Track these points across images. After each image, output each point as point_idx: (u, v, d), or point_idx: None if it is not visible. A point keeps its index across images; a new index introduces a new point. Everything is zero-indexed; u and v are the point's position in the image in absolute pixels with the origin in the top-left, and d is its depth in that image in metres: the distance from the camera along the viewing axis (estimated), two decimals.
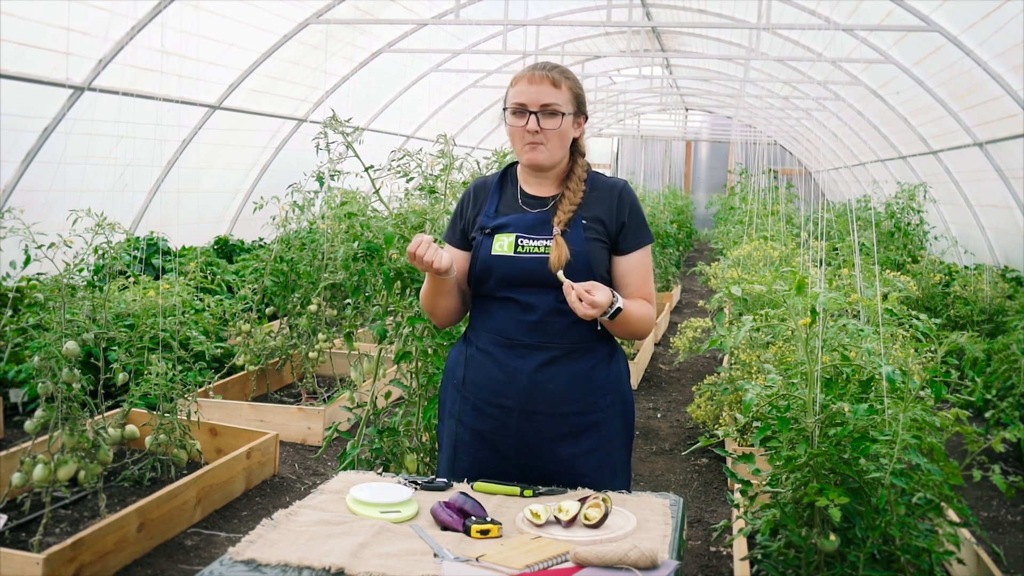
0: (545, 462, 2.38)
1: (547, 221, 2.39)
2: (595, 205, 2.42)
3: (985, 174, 9.04)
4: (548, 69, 2.39)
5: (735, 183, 17.54)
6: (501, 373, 2.39)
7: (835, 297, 2.73)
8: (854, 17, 8.81)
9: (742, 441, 4.96)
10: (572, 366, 2.38)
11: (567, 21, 11.67)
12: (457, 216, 2.53)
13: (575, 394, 2.38)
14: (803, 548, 2.78)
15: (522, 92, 2.37)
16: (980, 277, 7.65)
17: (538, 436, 2.37)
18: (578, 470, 2.39)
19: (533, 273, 2.35)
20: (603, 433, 2.42)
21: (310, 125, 10.12)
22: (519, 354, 2.38)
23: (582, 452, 2.39)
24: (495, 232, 2.40)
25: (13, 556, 3.31)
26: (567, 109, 2.39)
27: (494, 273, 2.38)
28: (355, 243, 3.58)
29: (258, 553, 1.91)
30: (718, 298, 4.59)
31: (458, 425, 2.47)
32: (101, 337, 4.20)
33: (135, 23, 6.63)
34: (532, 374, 2.36)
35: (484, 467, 2.42)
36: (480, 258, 2.40)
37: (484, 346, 2.43)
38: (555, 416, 2.38)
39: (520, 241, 2.37)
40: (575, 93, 2.41)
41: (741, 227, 10.05)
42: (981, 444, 2.59)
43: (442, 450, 2.57)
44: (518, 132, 2.38)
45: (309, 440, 5.49)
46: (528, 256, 2.35)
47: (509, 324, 2.39)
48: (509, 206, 2.46)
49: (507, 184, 2.52)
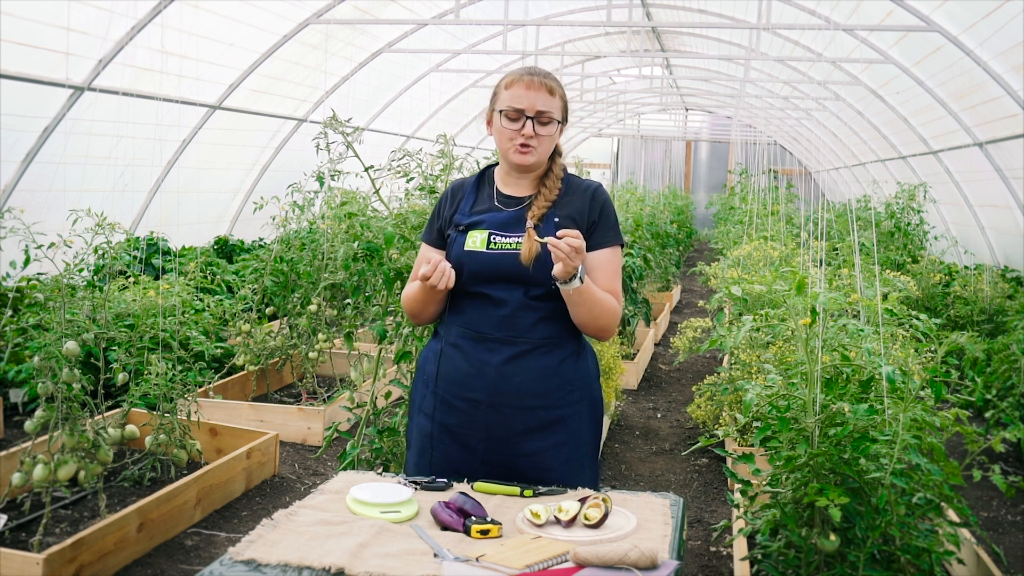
0: (513, 456, 2.41)
1: (521, 218, 2.44)
2: (569, 204, 2.47)
3: (985, 174, 9.04)
4: (544, 76, 2.44)
5: (735, 183, 17.55)
6: (469, 367, 2.42)
7: (835, 297, 2.73)
8: (854, 17, 8.81)
9: (742, 441, 4.96)
10: (539, 360, 2.42)
11: (567, 21, 11.67)
12: (435, 216, 2.58)
13: (542, 388, 2.42)
14: (803, 548, 2.78)
15: (519, 97, 2.41)
16: (980, 277, 7.65)
17: (506, 429, 2.40)
18: (544, 464, 2.41)
19: (504, 269, 2.39)
20: (570, 428, 2.45)
21: (310, 125, 10.12)
22: (487, 348, 2.41)
23: (549, 446, 2.42)
24: (468, 229, 2.45)
25: (13, 556, 3.31)
26: (559, 116, 2.45)
27: (466, 268, 2.42)
28: (355, 243, 3.58)
29: (258, 553, 1.91)
30: (718, 298, 4.59)
31: (428, 421, 2.50)
32: (101, 337, 4.20)
33: (135, 23, 6.63)
34: (500, 367, 2.40)
35: (453, 462, 2.44)
36: (453, 254, 2.45)
37: (454, 340, 2.47)
38: (522, 409, 2.41)
39: (492, 238, 2.42)
40: (565, 102, 2.49)
41: (741, 227, 10.05)
42: (981, 444, 2.59)
43: (410, 448, 2.60)
44: (510, 134, 2.42)
45: (309, 440, 5.49)
46: (500, 252, 2.40)
47: (479, 318, 2.43)
48: (484, 205, 2.51)
49: (484, 185, 2.57)
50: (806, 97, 13.14)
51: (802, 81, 12.28)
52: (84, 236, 4.05)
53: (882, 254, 8.92)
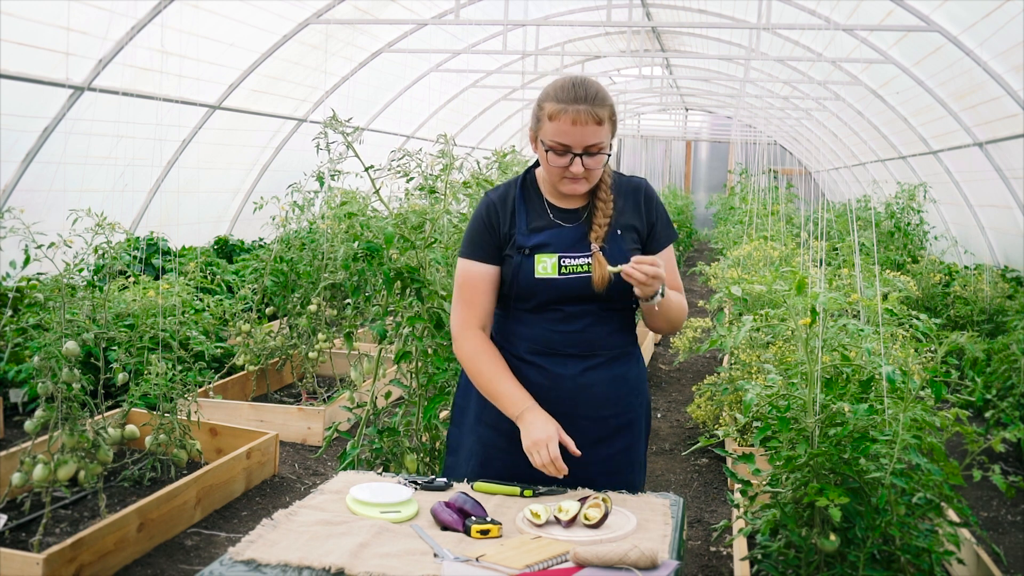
0: (583, 463, 2.35)
1: (585, 236, 2.37)
2: (625, 211, 2.42)
3: (985, 174, 9.04)
4: (592, 103, 2.25)
5: (735, 183, 17.54)
6: (545, 379, 2.39)
7: (835, 297, 2.73)
8: (854, 17, 8.81)
9: (742, 441, 4.96)
10: (612, 370, 2.42)
11: (567, 21, 11.67)
12: (484, 231, 2.42)
13: (615, 395, 2.42)
14: (803, 548, 2.78)
15: (565, 132, 2.25)
16: (980, 277, 7.65)
17: (579, 439, 2.33)
18: (614, 468, 2.42)
19: (577, 290, 2.35)
20: (634, 431, 2.48)
21: (310, 125, 10.11)
22: (560, 361, 2.38)
23: (617, 452, 2.44)
24: (534, 252, 2.36)
25: (13, 556, 3.31)
26: (609, 141, 2.32)
27: (538, 295, 2.36)
28: (355, 243, 3.57)
29: (258, 553, 1.91)
30: (718, 298, 4.58)
31: (491, 431, 2.43)
32: (101, 337, 4.19)
33: (135, 23, 6.63)
34: (577, 378, 2.38)
35: (519, 473, 2.38)
36: (523, 280, 2.36)
37: (521, 353, 2.41)
38: (596, 420, 2.41)
39: (563, 261, 2.35)
40: (614, 121, 2.33)
41: (741, 227, 10.05)
42: (981, 444, 2.59)
43: (453, 453, 2.56)
44: (557, 169, 2.31)
45: (309, 440, 5.49)
46: (573, 276, 2.35)
47: (550, 334, 2.39)
48: (541, 220, 2.40)
49: (530, 195, 2.45)
50: (806, 97, 13.14)
51: (802, 81, 12.28)
52: (84, 236, 4.05)
53: (882, 254, 8.92)
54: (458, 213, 3.84)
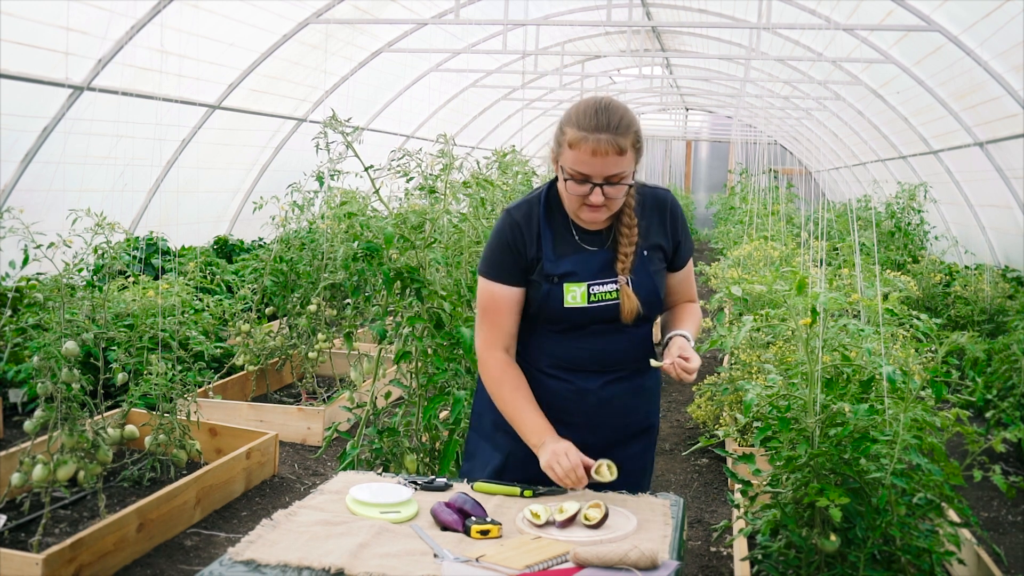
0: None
1: (611, 262, 2.36)
2: (651, 231, 2.41)
3: (985, 174, 9.03)
4: (614, 132, 2.18)
5: (735, 183, 17.55)
6: (569, 391, 2.41)
7: (835, 297, 2.73)
8: (854, 17, 8.80)
9: (742, 441, 4.96)
10: (634, 381, 2.46)
11: (567, 21, 11.66)
12: (508, 251, 2.37)
13: (635, 404, 2.47)
14: (803, 548, 2.77)
15: (585, 163, 2.19)
16: (981, 277, 7.64)
17: (600, 445, 2.38)
18: (630, 468, 2.46)
19: (605, 315, 2.37)
20: (651, 435, 2.55)
21: (310, 125, 10.11)
22: (583, 376, 2.41)
23: (635, 454, 2.49)
24: (563, 280, 2.34)
25: (12, 556, 3.31)
26: (632, 170, 2.26)
27: (566, 322, 2.37)
28: (355, 243, 3.57)
29: (258, 553, 1.91)
30: (718, 298, 4.58)
31: (510, 439, 2.43)
32: (101, 337, 4.19)
33: (135, 23, 6.63)
34: (599, 392, 2.41)
35: (537, 480, 2.37)
36: (552, 308, 2.35)
37: (543, 368, 2.43)
38: (617, 428, 2.46)
39: (592, 289, 2.35)
40: (638, 148, 2.25)
41: (741, 227, 10.06)
42: (982, 444, 2.59)
43: (470, 459, 2.57)
44: (577, 197, 2.26)
45: (309, 440, 5.48)
46: (602, 304, 2.36)
47: (573, 351, 2.41)
48: (567, 245, 2.37)
49: (554, 215, 2.39)
50: (806, 97, 13.13)
51: (802, 81, 12.27)
52: (83, 236, 4.05)
53: (882, 254, 8.92)
54: (458, 213, 3.84)
